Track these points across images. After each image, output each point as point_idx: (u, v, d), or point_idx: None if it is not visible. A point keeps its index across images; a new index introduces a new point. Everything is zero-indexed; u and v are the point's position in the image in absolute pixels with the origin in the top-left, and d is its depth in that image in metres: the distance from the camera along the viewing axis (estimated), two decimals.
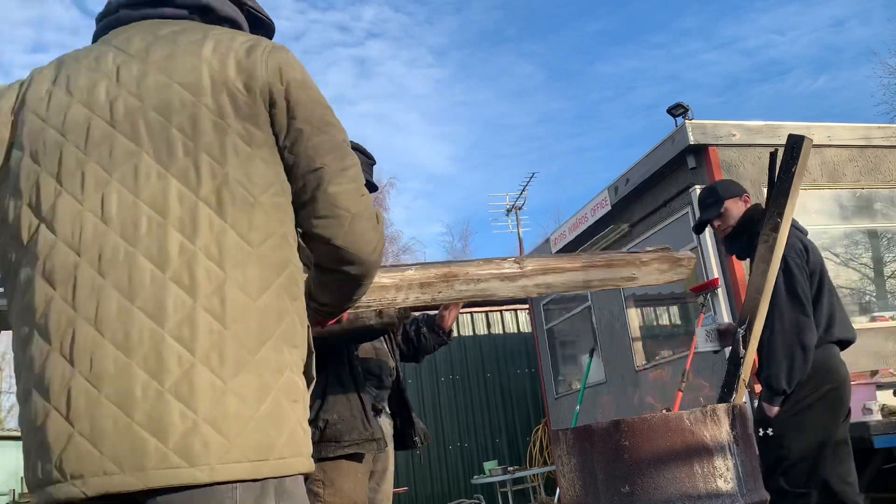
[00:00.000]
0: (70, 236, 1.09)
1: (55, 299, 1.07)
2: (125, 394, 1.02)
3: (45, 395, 1.06)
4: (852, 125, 6.75)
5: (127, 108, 1.15)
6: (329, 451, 2.09)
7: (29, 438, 1.09)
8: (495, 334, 12.04)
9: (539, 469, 9.73)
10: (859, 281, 6.97)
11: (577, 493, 2.26)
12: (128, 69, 1.18)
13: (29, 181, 1.13)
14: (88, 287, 1.06)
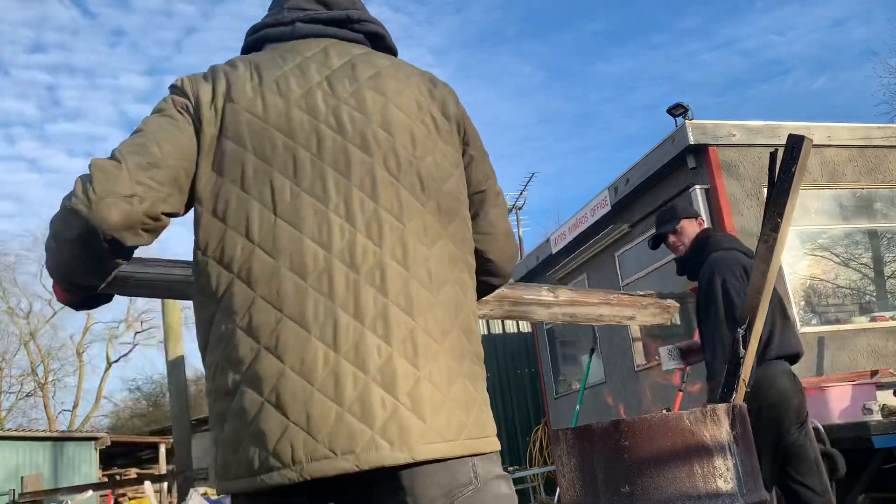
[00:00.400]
0: (317, 234, 1.18)
1: (307, 291, 1.16)
2: (336, 385, 1.13)
3: (258, 390, 1.13)
4: (852, 125, 6.75)
5: (353, 121, 1.26)
6: None
7: (239, 429, 1.14)
8: (495, 334, 12.03)
9: (539, 469, 9.72)
10: (859, 281, 6.97)
11: (577, 493, 2.26)
12: (340, 83, 1.29)
13: (258, 179, 1.20)
14: (344, 283, 1.16)
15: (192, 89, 1.27)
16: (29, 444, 16.14)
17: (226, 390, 1.16)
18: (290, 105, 1.25)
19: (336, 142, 1.24)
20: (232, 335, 1.17)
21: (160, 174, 1.19)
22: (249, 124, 1.23)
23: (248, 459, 1.13)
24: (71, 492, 8.08)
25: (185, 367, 7.82)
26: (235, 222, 1.20)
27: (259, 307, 1.16)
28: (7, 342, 27.79)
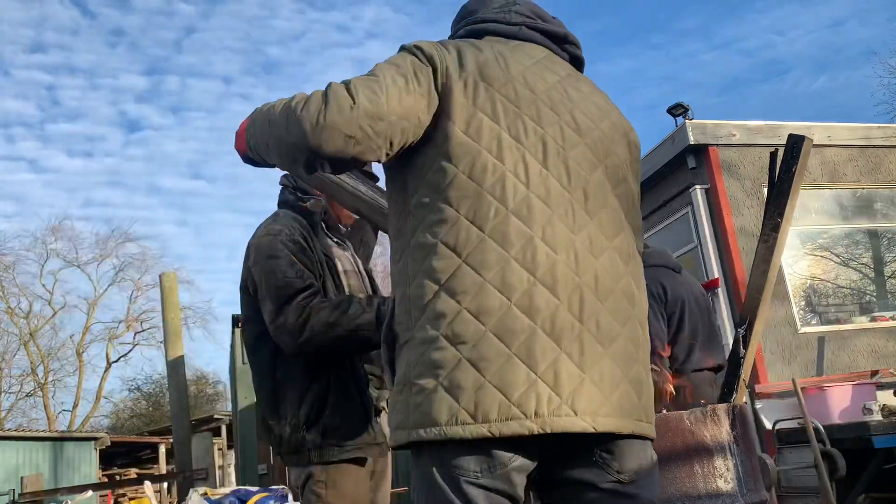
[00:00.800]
0: (564, 215, 1.32)
1: (558, 263, 1.28)
2: (624, 355, 1.30)
3: (508, 342, 1.24)
4: (852, 125, 6.75)
5: (585, 125, 1.42)
6: (332, 454, 2.07)
7: (477, 377, 1.22)
8: None
9: None
10: (859, 281, 6.97)
11: None
12: (573, 89, 1.45)
13: (512, 155, 1.33)
14: (585, 260, 1.31)
15: (439, 56, 1.37)
16: (29, 444, 16.13)
17: (465, 338, 1.24)
18: (537, 98, 1.38)
19: (574, 141, 1.38)
20: (482, 288, 1.26)
21: (380, 126, 1.28)
22: (503, 105, 1.35)
23: (483, 406, 1.20)
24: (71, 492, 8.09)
25: (185, 367, 7.82)
26: (490, 187, 1.30)
27: (513, 268, 1.26)
28: (7, 342, 27.82)
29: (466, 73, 1.36)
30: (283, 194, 2.37)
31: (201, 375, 31.55)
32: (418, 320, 1.30)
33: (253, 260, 2.17)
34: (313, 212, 2.28)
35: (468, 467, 1.23)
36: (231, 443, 18.12)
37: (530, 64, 1.43)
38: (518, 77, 1.39)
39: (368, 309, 2.07)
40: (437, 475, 1.25)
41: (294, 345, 2.04)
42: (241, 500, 5.39)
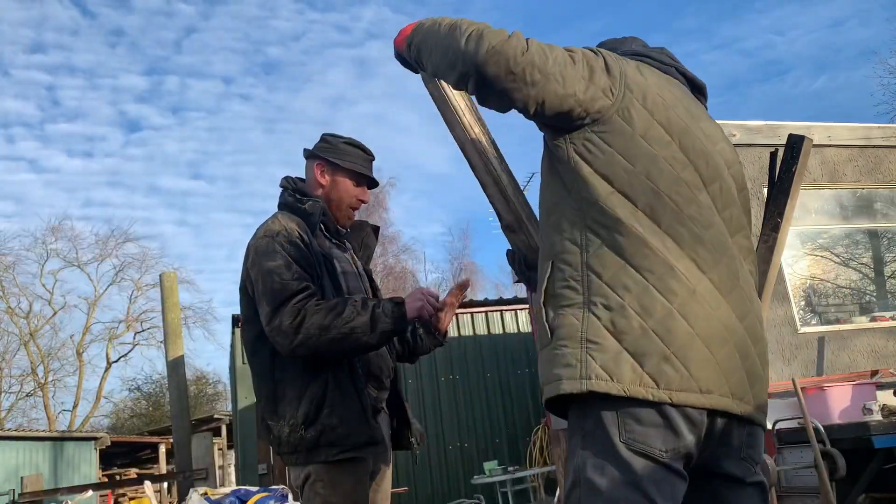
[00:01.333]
0: (716, 229, 1.50)
1: (722, 259, 1.48)
2: (744, 348, 1.45)
3: (693, 325, 1.39)
4: (852, 125, 6.75)
5: (720, 163, 1.58)
6: (329, 454, 2.07)
7: (670, 347, 1.38)
8: (495, 334, 12.04)
9: (539, 469, 9.72)
10: (859, 281, 6.97)
11: None
12: (706, 123, 1.61)
13: (674, 168, 1.48)
14: (727, 268, 1.49)
15: (617, 66, 1.53)
16: (29, 444, 16.13)
17: (652, 311, 1.39)
18: (690, 126, 1.54)
19: (712, 169, 1.54)
20: (671, 271, 1.41)
21: (537, 77, 1.44)
22: (675, 122, 1.52)
23: (666, 375, 1.36)
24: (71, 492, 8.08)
25: (185, 367, 7.82)
26: (666, 188, 1.46)
27: (688, 265, 1.43)
28: (7, 342, 27.81)
29: (633, 88, 1.51)
30: (282, 196, 2.39)
31: (201, 375, 31.56)
32: (600, 287, 1.43)
33: (251, 261, 2.17)
34: (312, 213, 2.29)
35: (644, 431, 1.35)
36: (231, 443, 18.12)
37: (679, 95, 1.61)
38: (671, 102, 1.55)
39: (363, 312, 2.07)
40: (611, 429, 1.36)
41: (289, 347, 2.05)
42: (241, 500, 5.39)
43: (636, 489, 1.32)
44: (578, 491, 1.37)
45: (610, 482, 1.33)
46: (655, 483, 1.33)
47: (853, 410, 4.39)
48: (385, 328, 2.09)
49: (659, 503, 1.32)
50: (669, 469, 1.35)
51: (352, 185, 2.40)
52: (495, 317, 12.13)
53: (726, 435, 1.44)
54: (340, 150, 2.41)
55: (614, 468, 1.33)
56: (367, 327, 2.06)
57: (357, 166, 2.41)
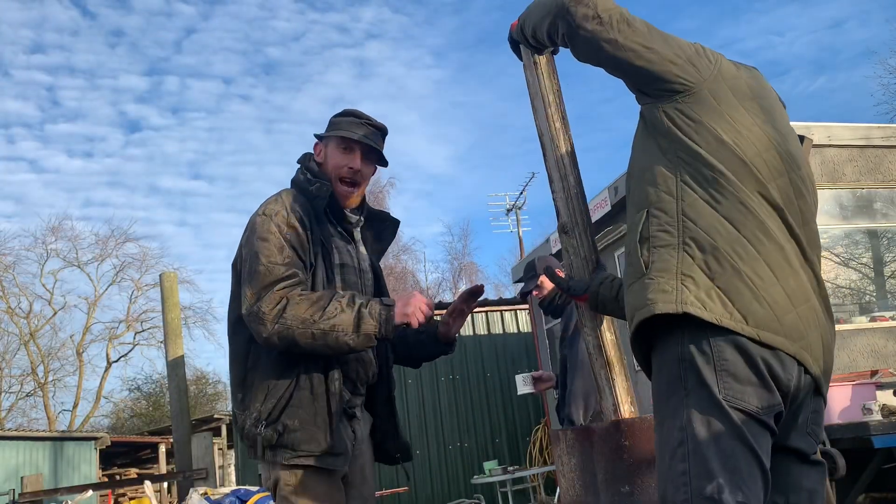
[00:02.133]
0: (796, 207, 1.59)
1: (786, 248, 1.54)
2: (818, 316, 1.54)
3: (778, 277, 1.49)
4: (852, 125, 6.75)
5: (799, 156, 1.66)
6: (285, 457, 1.95)
7: (758, 290, 1.48)
8: (495, 334, 12.04)
9: (539, 469, 9.73)
10: (859, 281, 6.97)
11: (577, 493, 2.26)
12: (788, 126, 1.71)
13: (758, 146, 1.58)
14: (806, 243, 1.58)
15: (713, 53, 1.68)
16: (29, 444, 16.13)
17: (744, 256, 1.49)
18: (774, 120, 1.65)
19: (791, 160, 1.62)
20: (763, 225, 1.52)
21: (623, 27, 1.61)
22: (745, 115, 1.61)
23: (758, 316, 1.45)
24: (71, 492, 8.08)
25: (185, 367, 7.82)
26: (726, 157, 1.55)
27: (775, 223, 1.54)
28: (7, 342, 27.79)
29: (735, 76, 1.64)
30: (296, 173, 2.26)
31: (201, 375, 31.55)
32: (696, 231, 1.52)
33: (245, 238, 2.07)
34: (318, 196, 2.15)
35: (742, 389, 1.42)
36: (231, 443, 18.12)
37: (770, 97, 1.72)
38: (761, 97, 1.66)
39: (348, 309, 1.93)
40: (712, 387, 1.43)
41: (264, 335, 1.92)
42: (241, 500, 5.39)
43: (741, 441, 1.39)
44: (685, 447, 1.43)
45: (717, 435, 1.40)
46: (754, 436, 1.41)
47: (853, 410, 4.39)
48: (369, 330, 1.94)
49: (761, 455, 1.41)
50: (765, 425, 1.43)
51: (338, 152, 2.21)
52: (495, 317, 12.13)
53: (799, 405, 1.51)
54: (332, 123, 2.27)
55: (719, 422, 1.40)
56: (350, 326, 1.92)
57: (342, 131, 2.21)
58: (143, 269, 28.85)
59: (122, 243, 28.77)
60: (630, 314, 1.59)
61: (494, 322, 12.10)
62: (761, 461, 1.41)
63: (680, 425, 1.44)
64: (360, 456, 2.18)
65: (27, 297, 27.77)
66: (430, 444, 11.09)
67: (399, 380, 11.31)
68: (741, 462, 1.39)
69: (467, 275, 31.44)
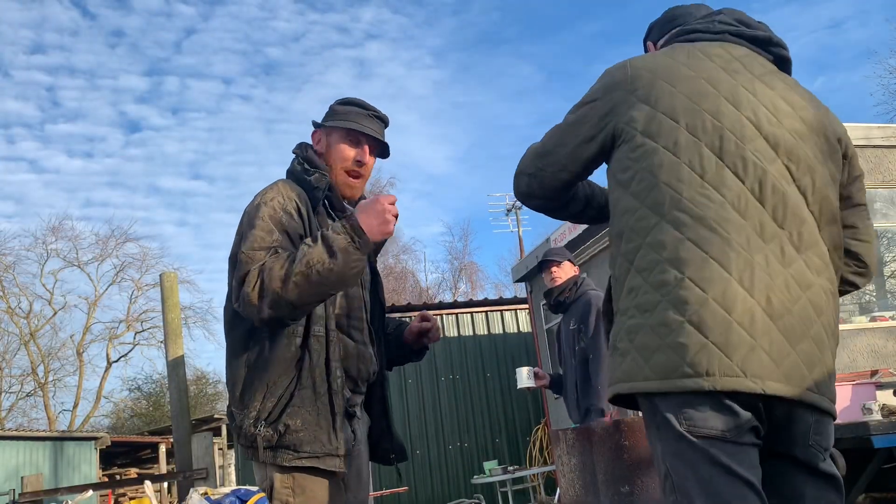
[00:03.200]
0: (737, 203, 1.45)
1: (731, 242, 1.42)
2: (790, 331, 1.41)
3: (729, 312, 1.38)
4: (852, 125, 6.75)
5: (769, 121, 1.52)
6: (285, 458, 1.91)
7: (708, 337, 1.38)
8: (495, 334, 12.03)
9: (539, 469, 9.72)
10: None
11: (577, 493, 2.26)
12: (762, 89, 1.55)
13: (689, 149, 1.48)
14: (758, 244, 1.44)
15: (618, 84, 1.61)
16: (29, 444, 16.12)
17: (685, 304, 1.40)
18: (720, 96, 1.51)
19: (752, 132, 1.50)
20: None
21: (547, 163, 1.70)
22: (682, 103, 1.51)
23: (717, 363, 1.37)
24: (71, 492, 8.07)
25: (185, 367, 7.81)
26: (667, 178, 1.47)
27: (687, 247, 1.43)
28: (7, 342, 27.78)
29: (648, 74, 1.55)
30: (291, 162, 2.19)
31: (201, 375, 31.51)
32: (641, 287, 1.46)
33: (238, 228, 2.02)
34: (317, 186, 2.09)
35: (703, 416, 1.38)
36: (231, 443, 18.10)
37: (721, 62, 1.58)
38: (700, 72, 1.54)
39: (313, 244, 1.86)
40: (672, 421, 1.40)
41: (259, 315, 1.85)
42: (241, 500, 5.39)
43: (716, 465, 1.37)
44: (671, 479, 1.43)
45: (692, 465, 1.39)
46: (730, 456, 1.38)
47: (853, 410, 4.39)
48: (342, 244, 1.85)
49: (741, 472, 1.37)
50: (739, 443, 1.39)
51: (346, 145, 2.16)
52: (495, 317, 12.13)
53: (790, 420, 1.45)
54: (335, 111, 2.20)
55: (690, 452, 1.39)
56: (324, 254, 1.83)
57: (349, 122, 2.15)
58: (143, 269, 28.89)
59: (122, 243, 28.81)
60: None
61: (494, 322, 12.10)
62: (744, 478, 1.38)
63: (658, 458, 1.46)
64: (357, 457, 2.13)
65: (27, 297, 27.79)
66: (430, 444, 11.09)
67: (399, 380, 11.32)
68: (722, 486, 1.37)
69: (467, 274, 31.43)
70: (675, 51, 1.61)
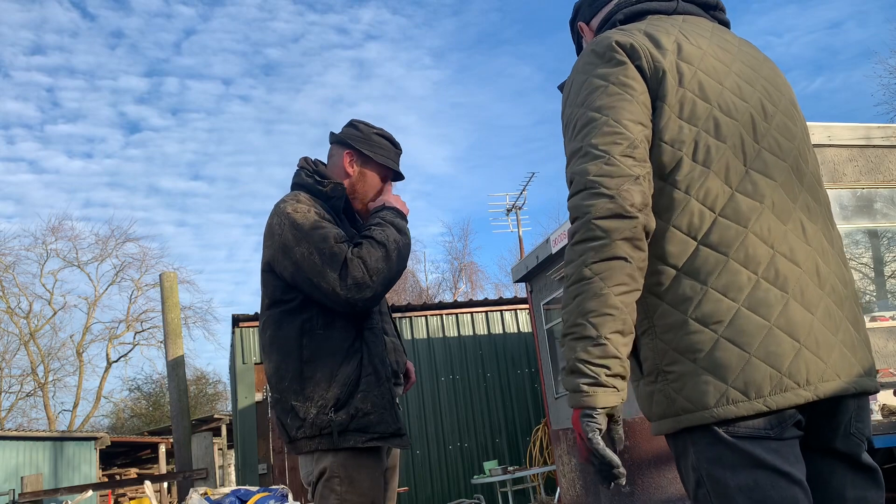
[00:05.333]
0: (785, 185, 1.36)
1: (788, 233, 1.32)
2: (853, 318, 1.35)
3: (767, 317, 1.27)
4: (852, 125, 6.76)
5: (765, 90, 1.44)
6: (358, 440, 2.00)
7: (745, 350, 1.26)
8: (495, 334, 12.04)
9: (539, 469, 9.73)
10: (859, 281, 6.97)
11: (577, 493, 2.27)
12: (744, 56, 1.47)
13: (729, 131, 1.35)
14: (809, 227, 1.36)
15: (640, 46, 1.42)
16: (29, 444, 16.13)
17: (718, 317, 1.27)
18: (731, 72, 1.42)
19: (770, 107, 1.42)
20: (726, 265, 1.29)
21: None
22: (709, 85, 1.38)
23: (755, 382, 1.24)
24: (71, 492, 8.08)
25: (185, 367, 7.82)
26: (717, 167, 1.33)
27: (752, 242, 1.29)
28: (7, 342, 27.79)
29: (675, 54, 1.39)
30: (298, 176, 2.27)
31: (201, 375, 31.57)
32: (658, 307, 1.32)
33: (293, 238, 2.05)
34: (335, 196, 2.20)
35: (746, 422, 1.25)
36: (231, 443, 18.12)
37: (717, 39, 1.48)
38: (708, 51, 1.42)
39: (387, 228, 2.13)
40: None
41: (372, 294, 2.03)
42: (241, 500, 5.39)
43: (760, 465, 1.24)
44: (705, 487, 1.29)
45: (731, 468, 1.25)
46: (775, 453, 1.25)
47: None
48: (402, 225, 2.19)
49: (788, 469, 1.25)
50: (782, 438, 1.26)
51: (379, 179, 2.34)
52: (495, 317, 12.13)
53: (835, 410, 1.33)
54: (373, 141, 2.33)
55: (730, 455, 1.26)
56: (397, 234, 2.13)
57: (389, 161, 2.35)
58: (143, 269, 28.92)
59: (122, 243, 28.84)
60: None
61: (494, 322, 12.10)
62: (792, 475, 1.24)
63: (693, 464, 1.30)
64: (393, 453, 2.25)
65: (27, 297, 27.80)
66: (430, 444, 11.09)
67: None
68: (768, 489, 1.23)
69: (467, 274, 31.44)
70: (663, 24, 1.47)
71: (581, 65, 1.44)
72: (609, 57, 1.39)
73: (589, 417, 1.24)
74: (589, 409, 1.23)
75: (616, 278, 1.24)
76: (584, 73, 1.41)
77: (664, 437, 1.38)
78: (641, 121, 1.33)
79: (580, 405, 1.24)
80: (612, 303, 1.23)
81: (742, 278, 1.28)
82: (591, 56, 1.42)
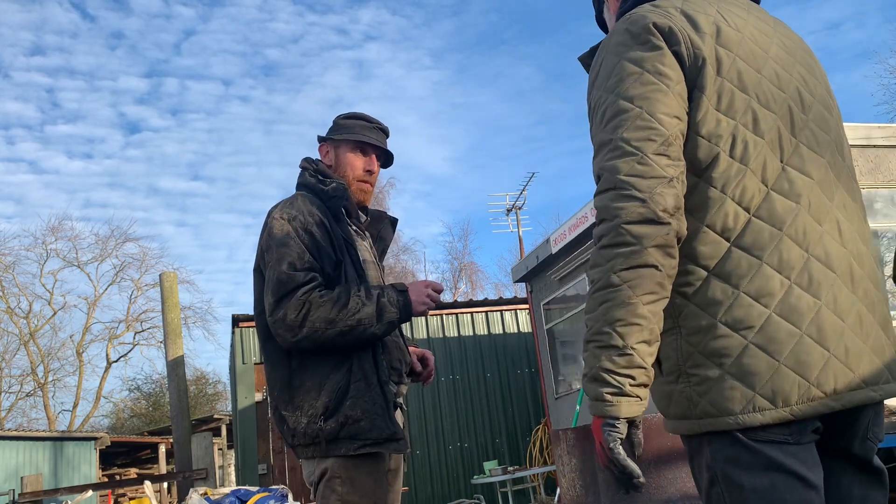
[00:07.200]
0: (822, 183, 1.29)
1: (825, 234, 1.27)
2: (860, 325, 1.26)
3: (798, 324, 1.21)
4: (853, 125, 6.75)
5: (801, 78, 1.36)
6: (350, 448, 1.98)
7: (775, 358, 1.21)
8: (495, 334, 12.03)
9: (539, 469, 9.72)
10: None
11: (577, 493, 2.26)
12: (780, 38, 1.40)
13: (767, 125, 1.28)
14: (846, 228, 1.31)
15: (679, 28, 1.35)
16: (29, 444, 16.12)
17: (748, 322, 1.22)
18: (769, 58, 1.34)
19: (808, 97, 1.35)
20: (759, 270, 1.23)
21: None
22: (748, 74, 1.31)
23: (783, 391, 1.19)
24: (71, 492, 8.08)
25: (185, 367, 7.81)
26: (754, 165, 1.26)
27: (786, 245, 1.23)
28: (7, 342, 27.78)
29: (714, 38, 1.30)
30: (302, 176, 2.28)
31: (201, 375, 31.54)
32: (685, 307, 1.26)
33: (266, 244, 2.09)
34: (335, 196, 2.19)
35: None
36: (231, 443, 18.11)
37: (753, 17, 1.39)
38: (746, 32, 1.34)
39: (368, 302, 2.01)
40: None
41: (291, 340, 1.97)
42: (241, 500, 5.39)
43: (776, 468, 1.20)
44: (719, 486, 1.24)
45: (747, 469, 1.21)
46: (793, 456, 1.21)
47: None
48: (391, 318, 2.04)
49: (804, 473, 1.21)
50: (801, 443, 1.23)
51: (355, 156, 2.30)
52: (495, 317, 12.12)
53: (855, 417, 1.29)
54: (341, 125, 2.34)
55: (747, 456, 1.21)
56: (374, 318, 2.00)
57: (356, 134, 2.30)
58: (142, 269, 28.88)
59: (122, 243, 28.80)
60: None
61: (494, 322, 12.09)
62: (808, 480, 1.21)
63: (707, 464, 1.26)
64: (403, 450, 2.22)
65: (27, 297, 27.77)
66: (430, 444, 11.09)
67: None
68: (783, 492, 1.19)
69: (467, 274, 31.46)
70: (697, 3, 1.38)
71: (613, 44, 1.33)
72: (644, 39, 1.29)
73: (611, 427, 1.19)
74: (612, 419, 1.19)
75: (645, 287, 1.19)
76: (617, 55, 1.31)
77: (675, 434, 1.36)
78: (677, 114, 1.25)
79: (603, 414, 1.20)
80: (640, 312, 1.19)
81: (774, 283, 1.22)
82: (624, 36, 1.32)
